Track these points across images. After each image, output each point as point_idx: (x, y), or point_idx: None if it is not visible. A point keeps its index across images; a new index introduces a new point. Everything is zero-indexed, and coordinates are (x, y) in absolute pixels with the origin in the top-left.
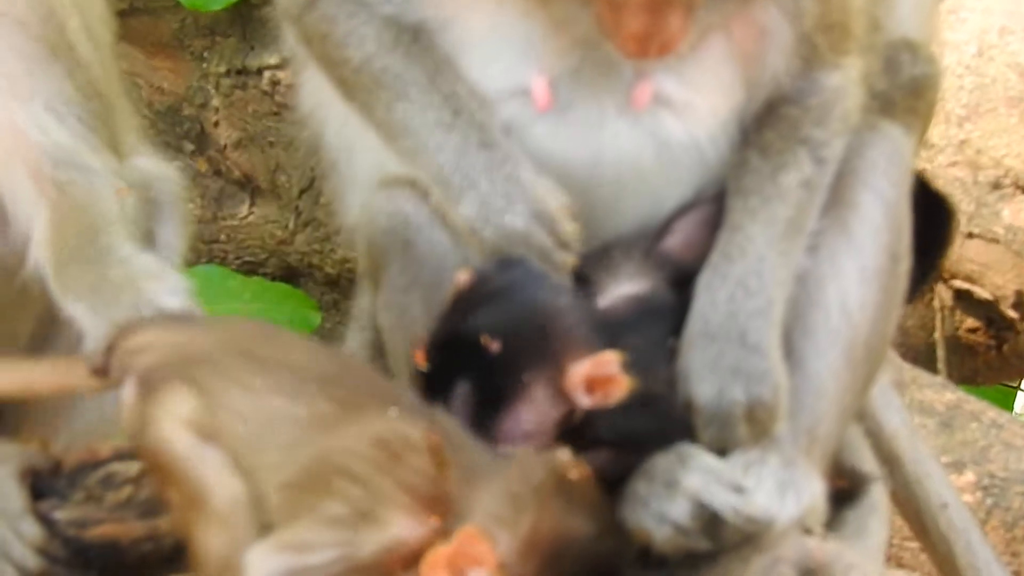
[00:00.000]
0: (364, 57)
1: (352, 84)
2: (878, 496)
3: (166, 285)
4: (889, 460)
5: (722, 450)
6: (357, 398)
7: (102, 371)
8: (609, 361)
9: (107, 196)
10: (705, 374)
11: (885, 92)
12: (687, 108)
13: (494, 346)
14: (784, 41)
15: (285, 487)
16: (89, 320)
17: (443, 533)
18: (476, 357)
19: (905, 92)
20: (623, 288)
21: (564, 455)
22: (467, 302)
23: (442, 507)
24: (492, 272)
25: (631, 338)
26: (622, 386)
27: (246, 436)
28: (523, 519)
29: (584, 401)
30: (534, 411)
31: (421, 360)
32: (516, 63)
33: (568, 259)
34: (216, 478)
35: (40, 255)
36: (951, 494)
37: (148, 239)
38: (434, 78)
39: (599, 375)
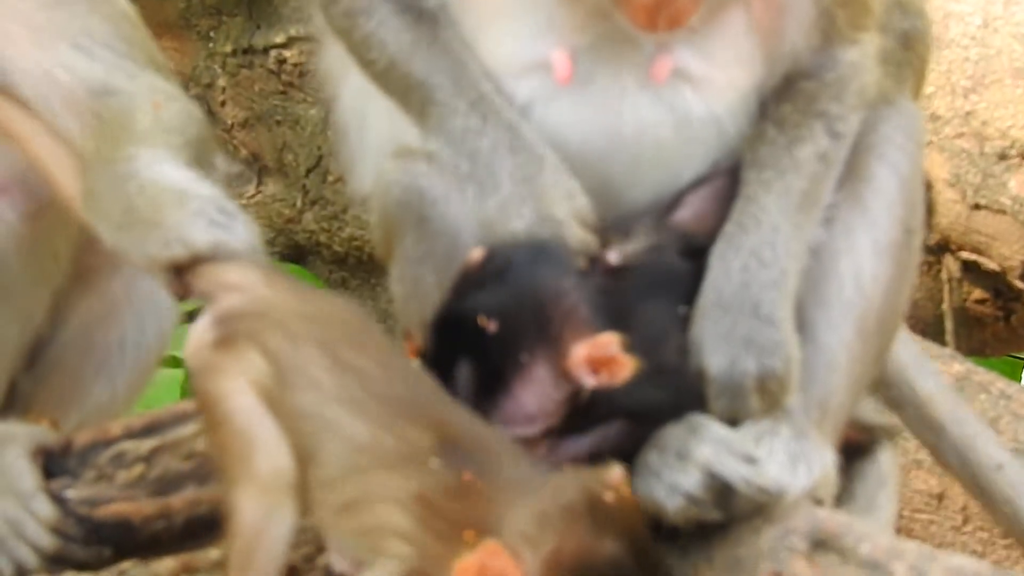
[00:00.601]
0: (388, 61)
1: (383, 84)
2: (887, 469)
3: (189, 210)
4: (933, 427)
5: (733, 421)
6: (410, 430)
7: (183, 295)
8: (609, 343)
9: (141, 109)
10: (717, 344)
11: (877, 47)
12: (706, 82)
13: (491, 327)
14: (804, 16)
15: (332, 510)
16: (127, 254)
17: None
18: (475, 338)
19: (896, 46)
20: (633, 248)
21: (612, 475)
22: (469, 282)
23: (480, 529)
24: (499, 251)
25: (641, 307)
26: (626, 366)
27: (304, 434)
28: (547, 538)
29: (589, 381)
30: (536, 393)
31: (413, 350)
32: (536, 37)
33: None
34: (266, 444)
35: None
36: (1004, 454)
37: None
38: (458, 81)
39: (600, 356)
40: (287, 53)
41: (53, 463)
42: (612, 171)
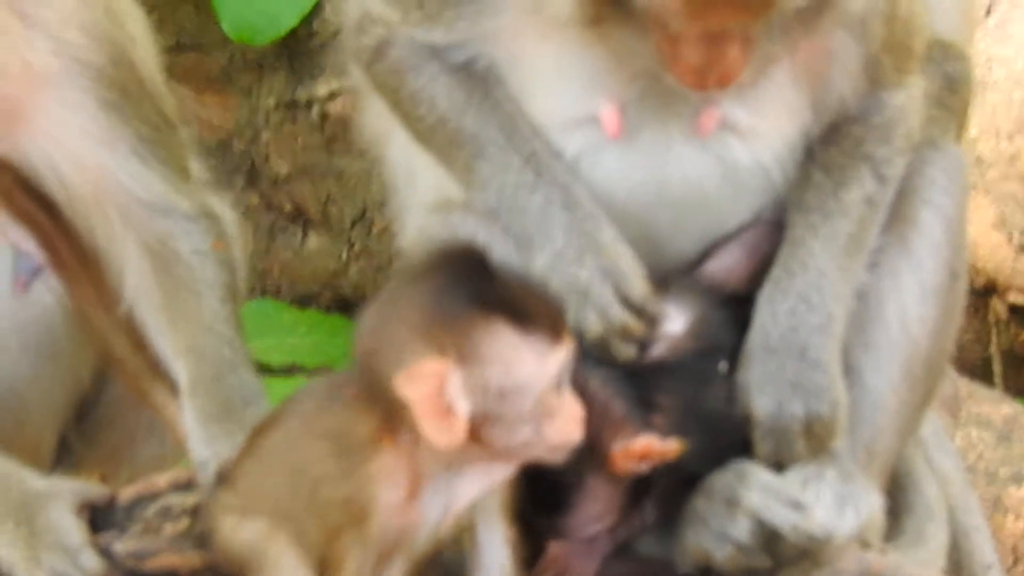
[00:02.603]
0: (437, 117)
1: (428, 139)
2: (934, 502)
3: None
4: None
5: (779, 464)
6: None
7: None
8: (647, 444)
9: (208, 260)
10: (765, 388)
11: (922, 90)
12: (753, 133)
13: None
14: (851, 63)
15: None
16: (203, 447)
17: None
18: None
19: (938, 88)
20: (671, 326)
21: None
22: None
23: None
24: None
25: (682, 365)
26: (673, 449)
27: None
28: None
29: (643, 468)
30: (597, 498)
31: None
32: (585, 92)
33: (630, 321)
34: (265, 557)
35: (147, 315)
36: (994, 556)
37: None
38: (511, 137)
39: (644, 452)
40: (330, 106)
41: (100, 516)
42: (658, 222)
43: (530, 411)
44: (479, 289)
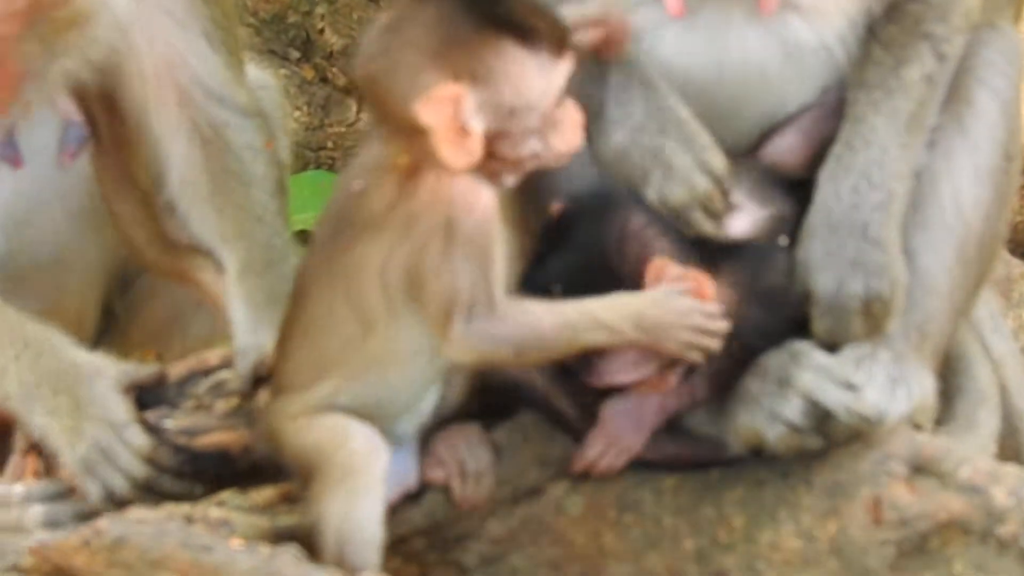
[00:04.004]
0: None
1: None
2: (986, 386)
3: None
4: (1000, 387)
5: (833, 344)
6: None
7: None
8: (663, 265)
9: (259, 156)
10: (825, 265)
11: None
12: (816, 11)
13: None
14: None
15: None
16: (247, 335)
17: None
18: None
19: None
20: (733, 207)
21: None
22: (546, 247)
23: None
24: (569, 211)
25: (741, 251)
26: (703, 282)
27: None
28: None
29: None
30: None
31: None
32: None
33: (709, 189)
34: (333, 441)
35: (192, 205)
36: None
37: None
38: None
39: (667, 279)
40: None
41: (150, 394)
42: (718, 103)
43: (537, 125)
44: (487, 10)
